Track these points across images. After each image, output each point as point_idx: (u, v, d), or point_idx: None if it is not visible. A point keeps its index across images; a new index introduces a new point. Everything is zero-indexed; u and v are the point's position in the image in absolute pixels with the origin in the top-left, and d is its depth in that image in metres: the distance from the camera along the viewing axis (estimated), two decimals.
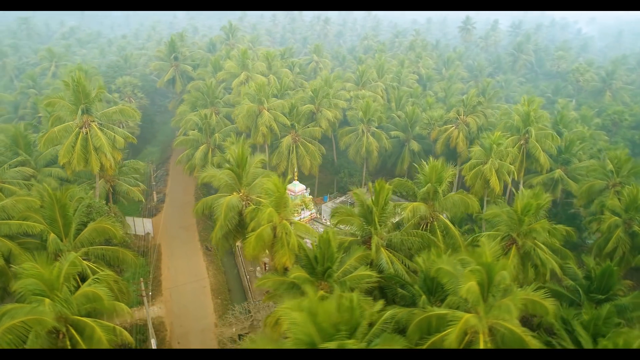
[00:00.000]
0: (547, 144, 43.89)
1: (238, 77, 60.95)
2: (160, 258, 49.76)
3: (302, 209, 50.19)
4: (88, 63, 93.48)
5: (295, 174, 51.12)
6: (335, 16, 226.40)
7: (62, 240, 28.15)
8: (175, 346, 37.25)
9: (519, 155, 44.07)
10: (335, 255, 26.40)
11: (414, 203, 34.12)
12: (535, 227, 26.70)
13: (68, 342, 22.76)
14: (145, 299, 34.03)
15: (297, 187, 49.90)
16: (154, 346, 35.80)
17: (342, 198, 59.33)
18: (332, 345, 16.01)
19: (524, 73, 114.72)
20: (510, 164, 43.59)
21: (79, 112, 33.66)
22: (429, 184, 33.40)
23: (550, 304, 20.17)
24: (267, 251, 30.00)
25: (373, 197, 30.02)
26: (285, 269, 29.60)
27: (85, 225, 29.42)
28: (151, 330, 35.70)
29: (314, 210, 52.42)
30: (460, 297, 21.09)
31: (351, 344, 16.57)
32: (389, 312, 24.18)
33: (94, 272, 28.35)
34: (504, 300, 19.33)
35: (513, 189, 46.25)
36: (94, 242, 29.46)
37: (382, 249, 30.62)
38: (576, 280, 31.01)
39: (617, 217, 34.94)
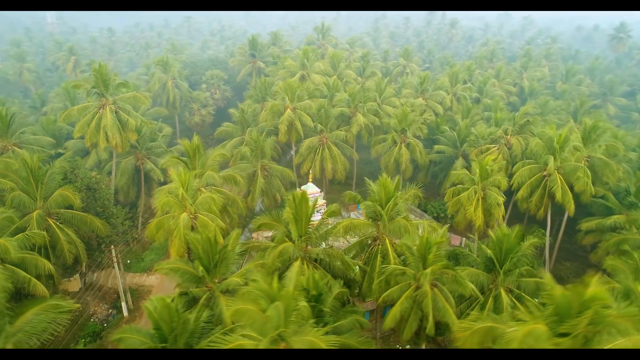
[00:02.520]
0: (581, 180, 35.12)
1: (294, 75, 62.48)
2: None
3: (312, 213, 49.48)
4: (211, 56, 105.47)
5: (310, 176, 50.55)
6: (491, 18, 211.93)
7: (35, 200, 33.58)
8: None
9: (539, 189, 36.10)
10: (216, 257, 26.09)
11: (353, 220, 31.36)
12: (425, 272, 22.22)
13: None
14: (116, 265, 38.05)
15: (308, 190, 49.25)
16: (125, 309, 40.00)
17: None
18: None
19: None
20: (528, 198, 36.36)
21: (86, 94, 39.32)
22: (369, 202, 30.31)
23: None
24: None
25: None
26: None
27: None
28: (123, 295, 39.74)
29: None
30: None
31: None
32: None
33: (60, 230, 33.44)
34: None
35: (544, 233, 38.48)
36: (62, 206, 34.25)
37: (298, 262, 29.08)
38: None
39: (615, 283, 26.62)
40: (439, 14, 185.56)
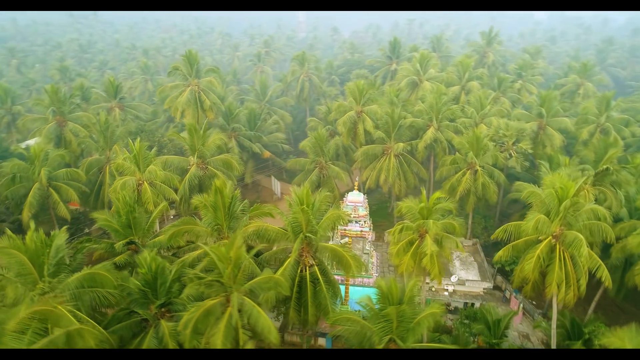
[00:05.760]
0: (583, 257, 23.58)
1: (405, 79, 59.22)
2: None
3: (349, 221, 47.38)
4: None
5: (356, 183, 48.20)
6: None
7: (100, 148, 44.13)
8: None
9: (557, 260, 25.33)
10: (123, 219, 29.68)
11: (267, 225, 30.10)
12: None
13: None
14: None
15: (350, 197, 47.23)
16: None
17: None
18: None
19: None
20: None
21: (168, 74, 48.15)
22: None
23: None
24: None
25: None
26: None
27: None
28: None
29: (367, 228, 47.77)
30: None
31: None
32: None
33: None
34: None
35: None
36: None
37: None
38: None
39: None
40: None
